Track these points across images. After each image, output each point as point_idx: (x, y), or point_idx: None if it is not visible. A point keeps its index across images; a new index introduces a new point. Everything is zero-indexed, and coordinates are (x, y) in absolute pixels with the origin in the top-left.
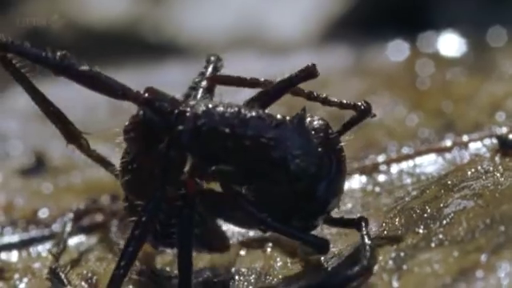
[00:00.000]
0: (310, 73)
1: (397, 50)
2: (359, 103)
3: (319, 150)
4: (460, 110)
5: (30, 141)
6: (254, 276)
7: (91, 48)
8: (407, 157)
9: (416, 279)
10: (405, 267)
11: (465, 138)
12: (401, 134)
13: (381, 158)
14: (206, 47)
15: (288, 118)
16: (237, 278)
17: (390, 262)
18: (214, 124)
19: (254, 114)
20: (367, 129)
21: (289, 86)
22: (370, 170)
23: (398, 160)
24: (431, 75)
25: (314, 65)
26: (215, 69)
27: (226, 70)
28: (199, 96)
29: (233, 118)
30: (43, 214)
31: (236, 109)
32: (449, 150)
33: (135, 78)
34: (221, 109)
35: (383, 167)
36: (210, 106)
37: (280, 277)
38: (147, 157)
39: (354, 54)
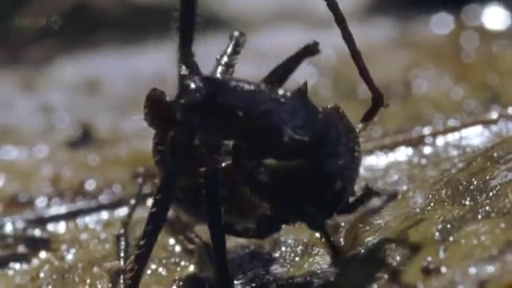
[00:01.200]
0: (311, 50)
1: (441, 23)
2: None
3: (322, 125)
4: (505, 82)
5: (77, 113)
6: (300, 247)
7: (135, 21)
8: (453, 129)
9: (463, 251)
10: (451, 239)
11: (510, 110)
12: (446, 107)
13: (427, 131)
14: (250, 20)
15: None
16: (283, 249)
17: (437, 234)
18: (213, 97)
19: (253, 86)
20: (413, 101)
21: (292, 64)
22: (416, 143)
23: (444, 132)
24: (476, 48)
25: (315, 42)
26: (237, 45)
27: (270, 44)
28: (218, 72)
29: (232, 90)
30: (90, 185)
31: (237, 82)
32: (495, 122)
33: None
34: (221, 82)
35: (429, 139)
36: (211, 79)
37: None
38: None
39: (399, 27)
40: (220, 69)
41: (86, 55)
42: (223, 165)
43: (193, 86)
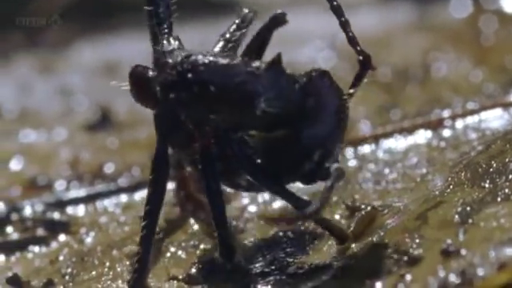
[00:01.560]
0: (279, 20)
1: (460, 6)
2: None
3: (299, 95)
4: None
5: (95, 96)
6: (320, 230)
7: None
8: (472, 112)
9: (482, 233)
10: (470, 221)
11: None
12: (466, 90)
13: (446, 114)
14: (268, 3)
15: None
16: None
17: (456, 217)
18: (187, 73)
19: (227, 60)
20: (432, 84)
21: (265, 36)
22: (435, 125)
23: (463, 115)
24: (495, 31)
25: (283, 13)
26: (243, 21)
27: (289, 28)
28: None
29: (206, 65)
30: (109, 168)
31: (212, 57)
32: None
33: (196, 34)
34: (194, 57)
35: (448, 122)
36: (186, 54)
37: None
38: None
39: (417, 10)
40: (220, 44)
41: (105, 38)
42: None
43: (170, 62)
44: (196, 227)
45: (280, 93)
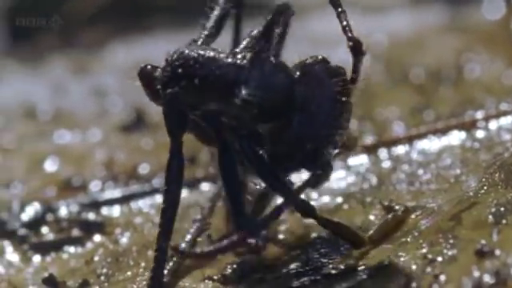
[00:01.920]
0: (284, 10)
1: (493, 8)
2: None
3: (285, 84)
4: None
5: (130, 97)
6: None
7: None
8: (506, 113)
9: None
10: (504, 222)
11: None
12: (499, 91)
13: (479, 115)
14: (302, 5)
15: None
16: None
17: (490, 217)
18: (176, 68)
19: (212, 53)
20: (465, 86)
21: (270, 26)
22: (469, 127)
23: (497, 116)
24: None
25: (286, 3)
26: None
27: (321, 28)
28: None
29: (193, 60)
30: (143, 169)
31: (201, 51)
32: None
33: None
34: (185, 53)
35: (481, 123)
36: (178, 51)
37: None
38: None
39: (450, 11)
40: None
41: (138, 39)
42: None
43: (168, 59)
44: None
45: (264, 82)
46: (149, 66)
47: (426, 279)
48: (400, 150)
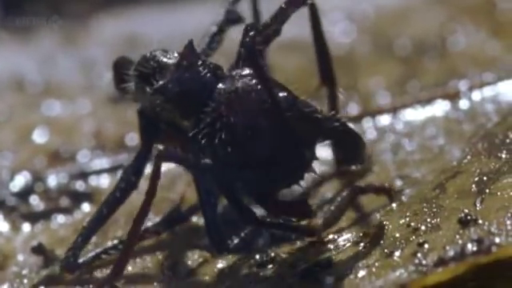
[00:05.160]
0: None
1: None
2: None
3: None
4: None
5: None
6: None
7: None
8: (489, 83)
9: (499, 202)
10: (487, 191)
11: None
12: (482, 62)
13: (463, 85)
14: None
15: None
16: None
17: (474, 186)
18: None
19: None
20: (449, 57)
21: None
22: (453, 97)
23: (480, 87)
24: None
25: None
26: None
27: None
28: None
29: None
30: (131, 140)
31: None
32: None
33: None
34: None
35: (465, 94)
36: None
37: None
38: None
39: None
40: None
41: (126, 11)
42: None
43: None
44: None
45: (179, 78)
46: (125, 58)
47: (409, 247)
48: (385, 120)
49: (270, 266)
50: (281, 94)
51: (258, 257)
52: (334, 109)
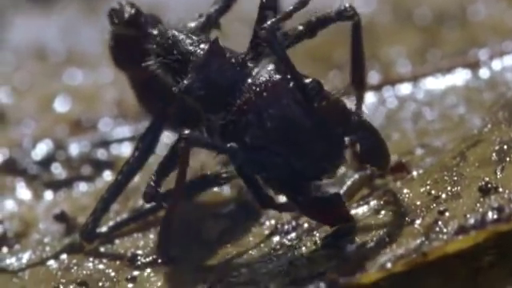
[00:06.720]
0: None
1: None
2: None
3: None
4: None
5: None
6: None
7: None
8: (509, 53)
9: None
10: (508, 159)
11: None
12: (503, 31)
13: (483, 54)
14: None
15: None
16: None
17: (494, 155)
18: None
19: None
20: (469, 25)
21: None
22: (473, 66)
23: (501, 56)
24: None
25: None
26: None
27: None
28: None
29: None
30: None
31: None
32: None
33: None
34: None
35: (485, 63)
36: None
37: None
38: None
39: None
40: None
41: None
42: None
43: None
44: None
45: (205, 76)
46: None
47: (430, 215)
48: (405, 89)
49: (294, 234)
50: (307, 82)
51: (280, 226)
52: (358, 110)
